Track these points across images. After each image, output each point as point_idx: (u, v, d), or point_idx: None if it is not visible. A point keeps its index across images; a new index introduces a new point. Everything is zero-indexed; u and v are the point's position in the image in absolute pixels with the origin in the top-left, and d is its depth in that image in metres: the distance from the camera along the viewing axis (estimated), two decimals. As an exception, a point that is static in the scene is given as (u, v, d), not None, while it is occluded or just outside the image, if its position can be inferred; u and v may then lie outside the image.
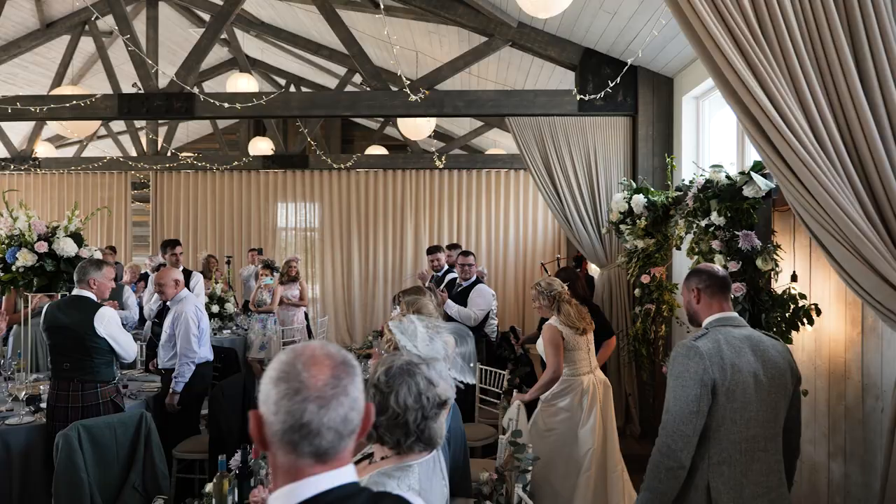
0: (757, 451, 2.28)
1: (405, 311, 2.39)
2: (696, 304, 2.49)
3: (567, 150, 5.95)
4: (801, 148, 2.08)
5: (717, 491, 2.25)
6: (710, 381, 2.23)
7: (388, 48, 8.46)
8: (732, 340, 2.31)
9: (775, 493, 2.31)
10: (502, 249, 9.74)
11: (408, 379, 1.56)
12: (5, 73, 9.41)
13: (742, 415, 2.25)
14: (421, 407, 1.56)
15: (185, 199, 10.09)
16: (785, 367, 2.35)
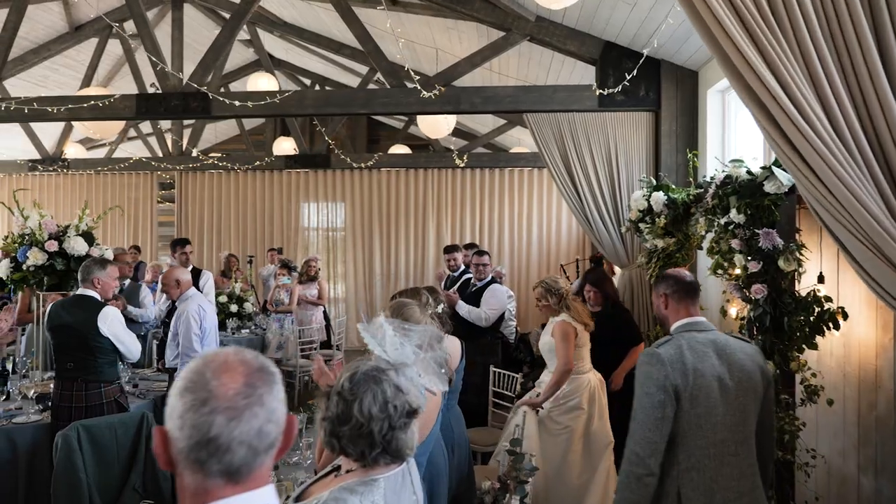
0: (727, 456, 2.27)
1: (389, 317, 2.29)
2: (665, 309, 2.50)
3: (587, 147, 5.78)
4: (817, 140, 1.92)
5: (687, 497, 2.25)
6: (672, 386, 2.23)
7: (407, 45, 8.39)
8: (696, 345, 2.31)
9: (748, 497, 2.29)
10: (525, 249, 9.58)
11: (373, 386, 1.45)
12: (37, 76, 9.59)
13: (708, 420, 2.25)
14: (387, 416, 1.45)
15: (210, 199, 10.17)
16: (753, 370, 2.34)
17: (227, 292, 7.04)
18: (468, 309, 5.04)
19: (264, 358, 1.03)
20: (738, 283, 3.36)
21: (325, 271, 9.95)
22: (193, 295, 4.21)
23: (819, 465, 3.30)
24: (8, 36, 5.90)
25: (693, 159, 4.51)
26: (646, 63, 5.52)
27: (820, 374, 3.23)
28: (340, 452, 1.47)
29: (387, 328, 1.53)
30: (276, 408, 0.98)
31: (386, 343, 1.50)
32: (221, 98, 5.73)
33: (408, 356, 1.52)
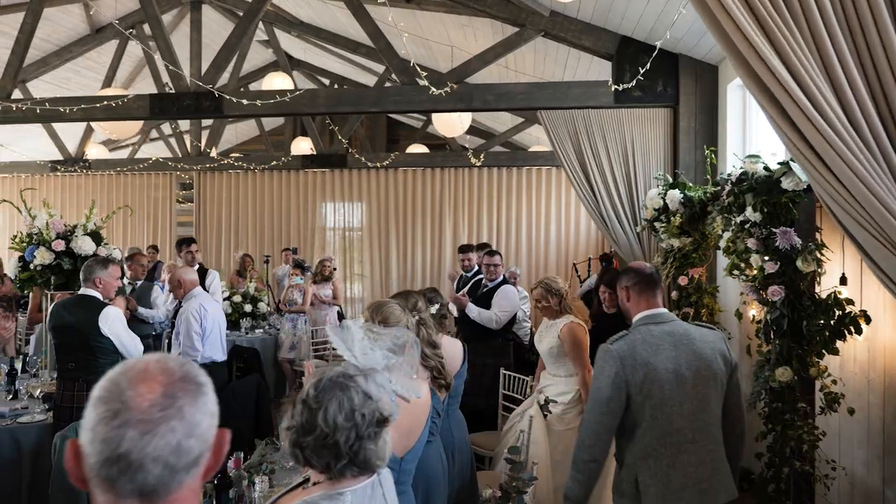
0: (684, 444, 2.34)
1: (368, 319, 2.20)
2: (627, 301, 2.55)
3: (603, 145, 5.65)
4: (830, 132, 1.78)
5: (644, 484, 2.34)
6: (623, 382, 2.32)
7: (423, 44, 8.32)
8: (650, 339, 2.38)
9: (706, 483, 2.35)
10: (542, 249, 9.44)
11: (339, 393, 1.36)
12: (59, 78, 9.72)
13: (662, 410, 2.32)
14: (354, 425, 1.36)
15: (228, 199, 10.22)
16: (712, 357, 2.39)
17: (242, 292, 7.04)
18: (478, 311, 4.94)
19: (194, 367, 0.94)
20: (755, 284, 3.22)
21: (342, 271, 9.91)
22: (198, 294, 4.18)
23: (840, 477, 3.14)
24: (24, 38, 5.95)
25: (711, 156, 4.35)
26: (663, 57, 5.36)
27: (841, 380, 3.06)
28: (305, 464, 1.39)
29: (356, 331, 1.44)
30: (201, 421, 0.89)
31: (355, 347, 1.42)
32: (233, 98, 5.71)
33: (377, 361, 1.43)
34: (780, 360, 3.06)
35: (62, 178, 10.19)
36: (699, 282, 4.57)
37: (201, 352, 3.97)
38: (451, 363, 2.97)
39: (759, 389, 3.18)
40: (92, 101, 5.65)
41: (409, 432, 2.19)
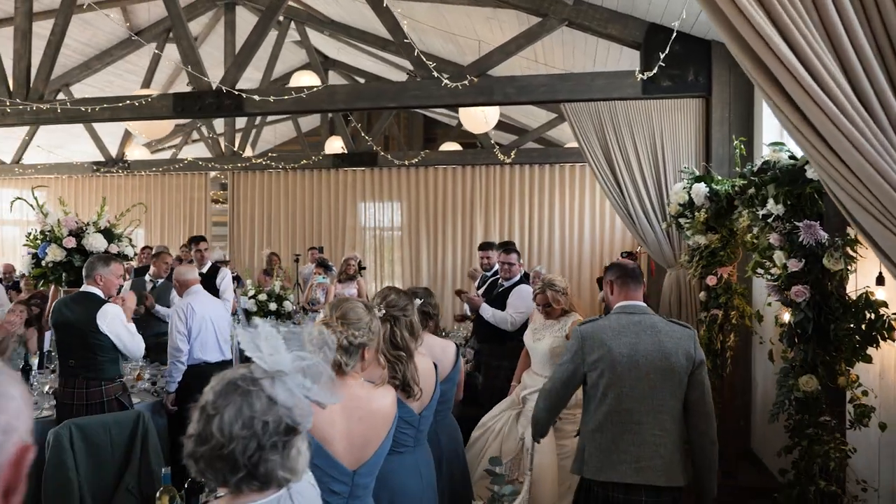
0: (629, 424, 2.55)
1: (328, 318, 2.05)
2: (611, 294, 2.80)
3: (630, 138, 5.38)
4: (832, 106, 1.55)
5: (589, 454, 2.61)
6: (581, 359, 2.61)
7: (450, 38, 8.17)
8: (616, 325, 2.62)
9: (645, 462, 2.53)
10: (576, 248, 9.16)
11: (237, 399, 1.22)
12: (102, 81, 9.99)
13: (613, 390, 2.56)
14: (253, 434, 1.21)
15: (261, 198, 10.30)
16: (672, 351, 2.56)
17: (267, 291, 7.03)
18: (492, 312, 4.76)
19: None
20: (778, 284, 2.95)
21: (372, 271, 9.86)
22: (195, 292, 4.13)
23: (871, 498, 2.84)
24: (56, 40, 6.07)
25: (740, 146, 4.05)
26: (694, 45, 5.09)
27: (874, 392, 2.76)
28: (201, 476, 1.26)
29: (263, 329, 1.30)
30: None
31: (262, 346, 1.28)
32: (253, 95, 5.69)
33: (283, 363, 1.28)
34: (804, 367, 2.79)
35: (103, 178, 10.47)
36: (728, 281, 4.27)
37: (185, 352, 3.91)
38: (440, 366, 2.81)
39: (782, 399, 2.90)
40: (115, 101, 5.71)
41: (364, 444, 2.04)
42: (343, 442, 1.99)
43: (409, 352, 2.42)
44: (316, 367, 1.32)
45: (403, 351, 2.40)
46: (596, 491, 2.60)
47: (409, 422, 2.43)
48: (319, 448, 1.93)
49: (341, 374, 2.03)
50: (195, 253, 5.51)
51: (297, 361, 1.30)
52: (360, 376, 2.10)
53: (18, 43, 6.04)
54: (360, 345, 2.03)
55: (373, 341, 2.08)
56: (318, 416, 1.96)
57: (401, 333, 2.43)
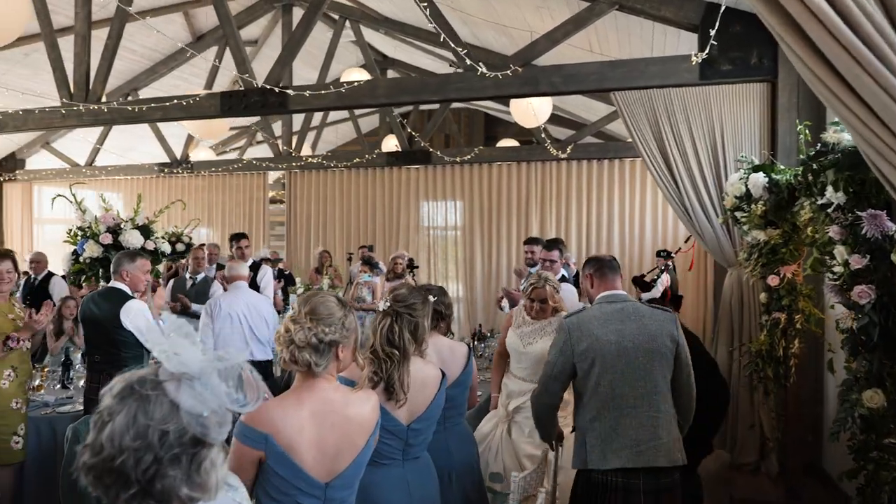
0: (626, 408, 2.61)
1: (296, 313, 1.89)
2: (591, 287, 2.89)
3: (686, 127, 5.01)
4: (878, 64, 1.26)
5: (590, 444, 2.63)
6: (570, 350, 2.66)
7: (503, 31, 7.94)
8: (600, 314, 2.70)
9: (644, 445, 2.59)
10: (637, 245, 8.72)
11: (132, 404, 1.07)
12: (168, 85, 10.32)
13: (605, 377, 2.62)
14: (148, 446, 1.05)
15: (317, 197, 10.38)
16: (657, 333, 2.68)
17: (315, 289, 7.02)
18: (532, 311, 4.50)
19: None
20: (840, 283, 2.58)
21: (426, 269, 9.74)
22: (236, 288, 4.10)
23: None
24: (112, 44, 6.24)
25: (805, 131, 3.64)
26: (758, 24, 4.64)
27: (954, 410, 2.37)
28: (93, 490, 1.11)
29: (171, 322, 1.15)
30: None
31: (166, 344, 1.12)
32: (296, 92, 5.66)
33: (192, 363, 1.12)
34: (869, 380, 2.43)
35: (168, 179, 10.83)
36: (792, 282, 3.86)
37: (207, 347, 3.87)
38: (448, 369, 2.62)
39: (844, 416, 2.54)
40: (164, 101, 5.81)
41: (336, 453, 1.87)
42: (312, 451, 1.82)
43: (404, 353, 2.23)
44: (235, 369, 1.15)
45: (398, 350, 2.22)
46: (595, 479, 2.63)
47: (394, 433, 2.23)
48: (284, 457, 1.78)
49: (311, 376, 1.87)
50: (236, 250, 5.54)
51: (211, 362, 1.13)
52: (334, 378, 1.93)
53: (79, 47, 6.26)
54: (331, 342, 1.87)
55: (348, 339, 1.91)
56: (285, 422, 1.81)
57: (400, 331, 2.25)
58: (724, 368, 4.82)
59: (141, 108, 5.71)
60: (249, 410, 1.16)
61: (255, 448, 1.78)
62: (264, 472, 1.80)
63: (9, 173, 10.72)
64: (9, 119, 6.54)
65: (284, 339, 1.85)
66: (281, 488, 1.78)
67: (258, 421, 1.79)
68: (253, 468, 1.80)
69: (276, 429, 1.78)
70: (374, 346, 2.28)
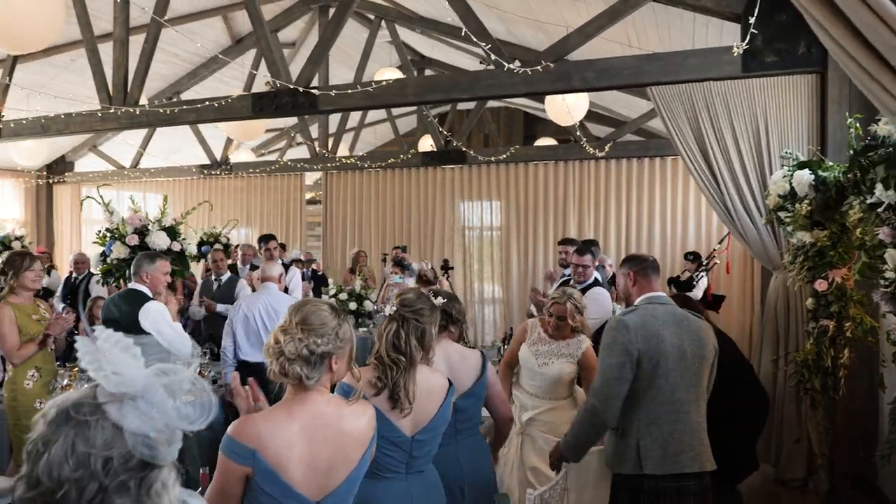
0: (680, 414, 2.59)
1: (287, 323, 1.78)
2: (632, 286, 2.79)
3: (727, 123, 4.76)
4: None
5: (646, 448, 2.57)
6: (636, 350, 2.55)
7: (540, 27, 7.75)
8: (658, 315, 2.63)
9: (695, 451, 2.60)
10: (679, 248, 8.40)
11: (69, 431, 0.97)
12: (210, 89, 10.47)
13: (667, 380, 2.57)
14: (91, 475, 0.96)
15: (354, 198, 10.37)
16: (706, 341, 2.67)
17: (348, 290, 6.99)
18: (561, 316, 4.32)
19: None
20: (891, 290, 2.35)
21: (461, 270, 9.61)
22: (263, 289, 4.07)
23: None
24: (149, 48, 6.32)
25: (855, 125, 3.38)
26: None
27: None
28: None
29: (105, 338, 1.05)
30: None
31: (104, 362, 1.03)
32: (326, 92, 5.63)
33: (134, 381, 1.02)
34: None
35: (208, 180, 11.00)
36: (842, 287, 3.59)
37: (227, 348, 3.85)
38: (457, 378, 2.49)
39: (895, 438, 2.31)
40: (194, 103, 5.85)
41: (329, 469, 1.76)
42: (302, 467, 1.72)
43: (411, 360, 2.12)
44: (182, 382, 1.05)
45: (404, 356, 2.11)
46: (648, 485, 2.57)
47: (397, 443, 2.12)
48: (271, 474, 1.68)
49: (303, 389, 1.77)
50: (264, 251, 5.53)
51: (155, 377, 1.04)
52: (326, 391, 1.83)
53: (117, 52, 6.36)
54: (323, 354, 1.76)
55: (342, 349, 1.80)
56: (273, 436, 1.71)
57: (406, 337, 2.14)
58: (769, 378, 4.56)
59: (173, 111, 5.76)
60: (199, 427, 1.06)
61: (241, 464, 1.68)
62: (251, 489, 1.70)
63: (58, 175, 11.07)
64: (51, 122, 6.71)
65: (273, 351, 1.75)
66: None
67: (245, 435, 1.70)
68: (240, 485, 1.71)
69: (264, 444, 1.69)
70: (380, 352, 2.18)
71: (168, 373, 1.05)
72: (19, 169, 10.60)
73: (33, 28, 4.13)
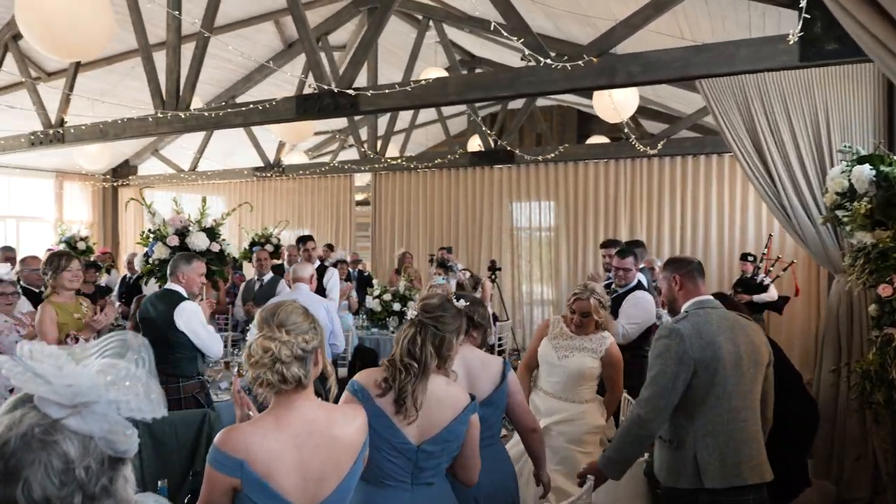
0: (738, 422, 2.47)
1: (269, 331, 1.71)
2: (679, 290, 2.66)
3: (783, 116, 4.49)
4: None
5: (703, 461, 2.44)
6: (691, 360, 2.42)
7: (587, 22, 7.53)
8: (711, 320, 2.50)
9: (754, 461, 2.48)
10: (738, 249, 8.00)
11: (41, 455, 0.94)
12: (263, 92, 10.68)
13: (723, 389, 2.44)
14: (78, 487, 0.95)
15: (402, 199, 10.38)
16: (760, 344, 2.57)
17: (392, 291, 6.98)
18: (602, 321, 4.15)
19: None
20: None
21: (509, 271, 9.47)
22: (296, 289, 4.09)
23: None
24: (199, 54, 6.47)
25: (922, 116, 3.10)
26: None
27: None
28: None
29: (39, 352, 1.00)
30: None
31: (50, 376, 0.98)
32: (359, 92, 5.64)
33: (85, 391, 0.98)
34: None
35: (262, 182, 11.24)
36: (908, 292, 3.30)
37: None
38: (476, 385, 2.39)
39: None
40: (239, 107, 5.95)
41: (320, 477, 1.70)
42: (293, 476, 1.67)
43: (424, 368, 2.03)
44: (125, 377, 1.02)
45: (417, 363, 2.03)
46: (703, 499, 2.46)
47: (401, 451, 2.03)
48: (261, 484, 1.63)
49: (292, 393, 1.72)
50: (303, 252, 5.56)
51: (99, 377, 1.00)
52: (313, 394, 1.77)
53: (169, 58, 6.54)
54: (313, 349, 1.74)
55: (321, 339, 1.79)
56: (261, 446, 1.66)
57: (422, 344, 2.06)
58: (830, 389, 4.26)
59: (218, 114, 5.87)
60: (156, 415, 1.03)
61: (228, 475, 1.64)
62: (240, 501, 1.66)
63: (122, 179, 11.55)
64: (110, 127, 6.98)
65: (267, 361, 1.68)
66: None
67: (232, 446, 1.66)
68: (227, 498, 1.66)
69: (252, 454, 1.64)
70: (394, 355, 2.11)
71: (108, 370, 1.02)
72: (85, 173, 11.12)
73: (85, 37, 4.27)
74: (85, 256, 8.30)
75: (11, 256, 6.48)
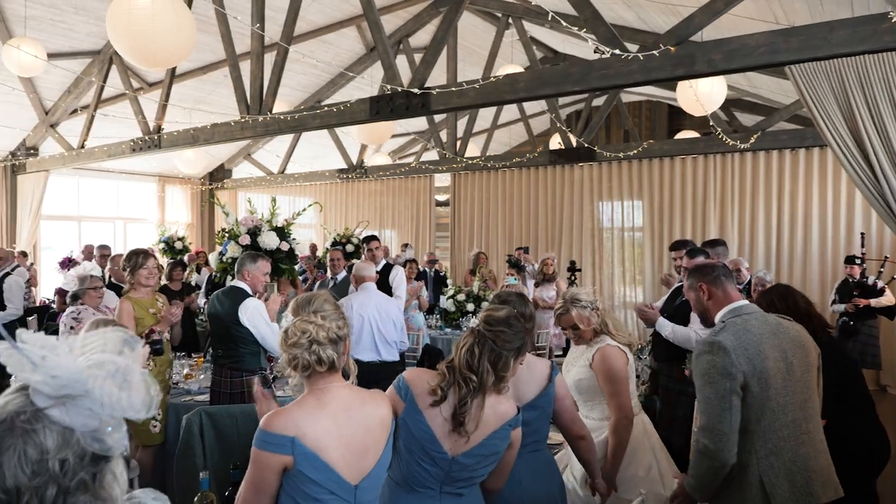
0: (801, 436, 2.26)
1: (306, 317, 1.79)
2: (708, 300, 2.47)
3: (887, 103, 4.05)
4: None
5: (770, 484, 2.22)
6: (740, 374, 2.22)
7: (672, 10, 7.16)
8: (753, 328, 2.30)
9: (825, 474, 2.28)
10: (843, 250, 7.35)
11: (17, 442, 0.94)
12: (347, 96, 10.94)
13: (778, 401, 2.25)
14: (50, 479, 0.94)
15: (481, 199, 10.31)
16: (808, 345, 2.37)
17: (466, 291, 6.94)
18: (672, 328, 3.89)
19: None
20: None
21: (589, 272, 9.18)
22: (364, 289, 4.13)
23: None
24: (280, 60, 6.69)
25: None
26: None
27: None
28: None
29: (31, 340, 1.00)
30: None
31: (38, 365, 0.98)
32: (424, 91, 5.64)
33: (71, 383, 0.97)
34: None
35: (345, 184, 11.51)
36: None
37: None
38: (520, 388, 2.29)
39: None
40: (313, 109, 6.10)
41: (363, 451, 1.77)
42: (340, 450, 1.74)
43: (481, 383, 1.95)
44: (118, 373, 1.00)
45: (476, 376, 1.96)
46: None
47: (435, 459, 1.95)
48: (314, 457, 1.69)
49: (325, 376, 1.80)
50: (367, 252, 5.62)
51: (90, 370, 0.99)
52: (341, 377, 1.85)
53: (253, 65, 6.81)
54: (344, 336, 1.84)
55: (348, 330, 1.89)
56: (308, 422, 1.72)
57: (479, 357, 1.98)
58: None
59: (296, 117, 6.04)
60: (147, 416, 1.02)
61: (280, 453, 1.69)
62: (291, 479, 1.71)
63: (219, 182, 12.20)
64: (200, 133, 7.35)
65: (304, 342, 1.77)
66: (311, 494, 1.69)
67: (281, 426, 1.72)
68: (276, 479, 1.72)
69: (302, 431, 1.71)
70: (453, 363, 2.03)
71: (103, 364, 1.01)
72: (184, 177, 11.82)
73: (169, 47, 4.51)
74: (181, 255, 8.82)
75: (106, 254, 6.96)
